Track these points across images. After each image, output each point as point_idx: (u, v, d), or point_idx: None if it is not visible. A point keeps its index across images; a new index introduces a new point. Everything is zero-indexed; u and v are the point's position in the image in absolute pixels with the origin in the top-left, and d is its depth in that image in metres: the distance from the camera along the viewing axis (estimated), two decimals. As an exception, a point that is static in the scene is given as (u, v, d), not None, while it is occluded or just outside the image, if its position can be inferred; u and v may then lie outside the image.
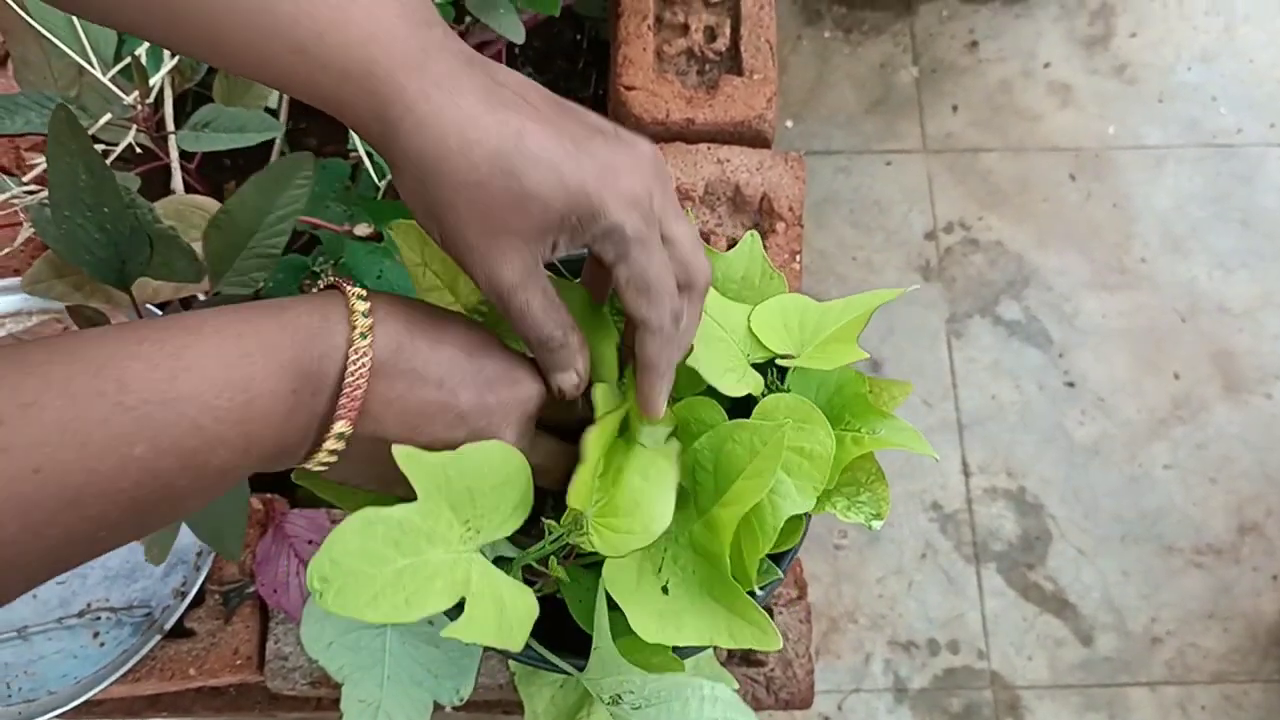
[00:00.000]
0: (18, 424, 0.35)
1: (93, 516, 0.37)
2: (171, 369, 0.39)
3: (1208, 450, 1.49)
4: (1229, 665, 1.39)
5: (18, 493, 0.35)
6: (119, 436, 0.37)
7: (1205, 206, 1.63)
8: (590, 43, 1.14)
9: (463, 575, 0.45)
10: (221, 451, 0.40)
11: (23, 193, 0.70)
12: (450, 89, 0.43)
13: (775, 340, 0.56)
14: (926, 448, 0.55)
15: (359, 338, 0.43)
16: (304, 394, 0.43)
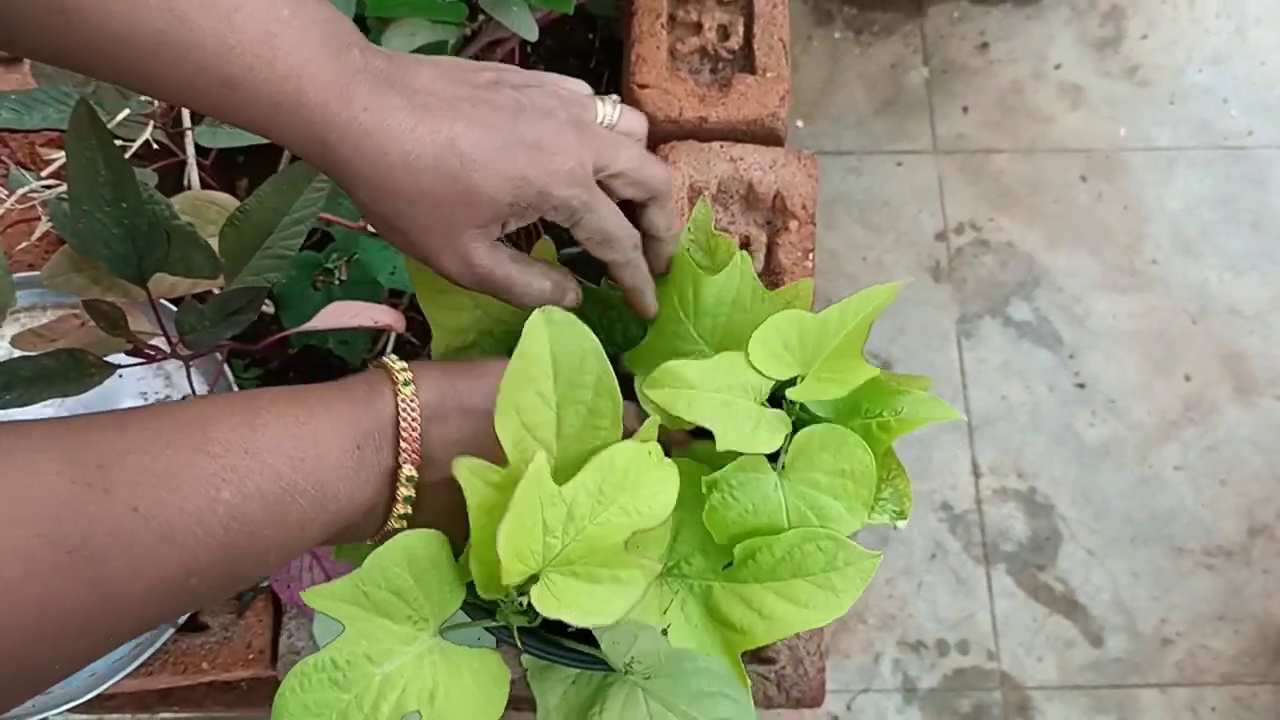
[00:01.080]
0: (118, 467, 0.38)
1: (186, 559, 0.40)
2: (251, 423, 0.43)
3: (1218, 452, 1.49)
4: (1239, 667, 1.39)
5: (121, 529, 0.37)
6: (207, 480, 0.40)
7: (1216, 209, 1.62)
8: (602, 41, 1.14)
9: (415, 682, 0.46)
10: (300, 502, 0.44)
11: (41, 187, 0.71)
12: (378, 109, 0.46)
13: (778, 367, 0.54)
14: (951, 412, 0.54)
15: (404, 386, 0.48)
16: (367, 450, 0.47)
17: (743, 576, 0.51)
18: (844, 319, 0.54)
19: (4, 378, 0.61)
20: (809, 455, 0.52)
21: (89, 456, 0.38)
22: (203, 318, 0.65)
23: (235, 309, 0.65)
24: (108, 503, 0.37)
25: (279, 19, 0.45)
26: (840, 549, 0.50)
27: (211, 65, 0.44)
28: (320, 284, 0.90)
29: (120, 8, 0.42)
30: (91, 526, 0.36)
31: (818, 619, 0.50)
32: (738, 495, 0.52)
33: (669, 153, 0.87)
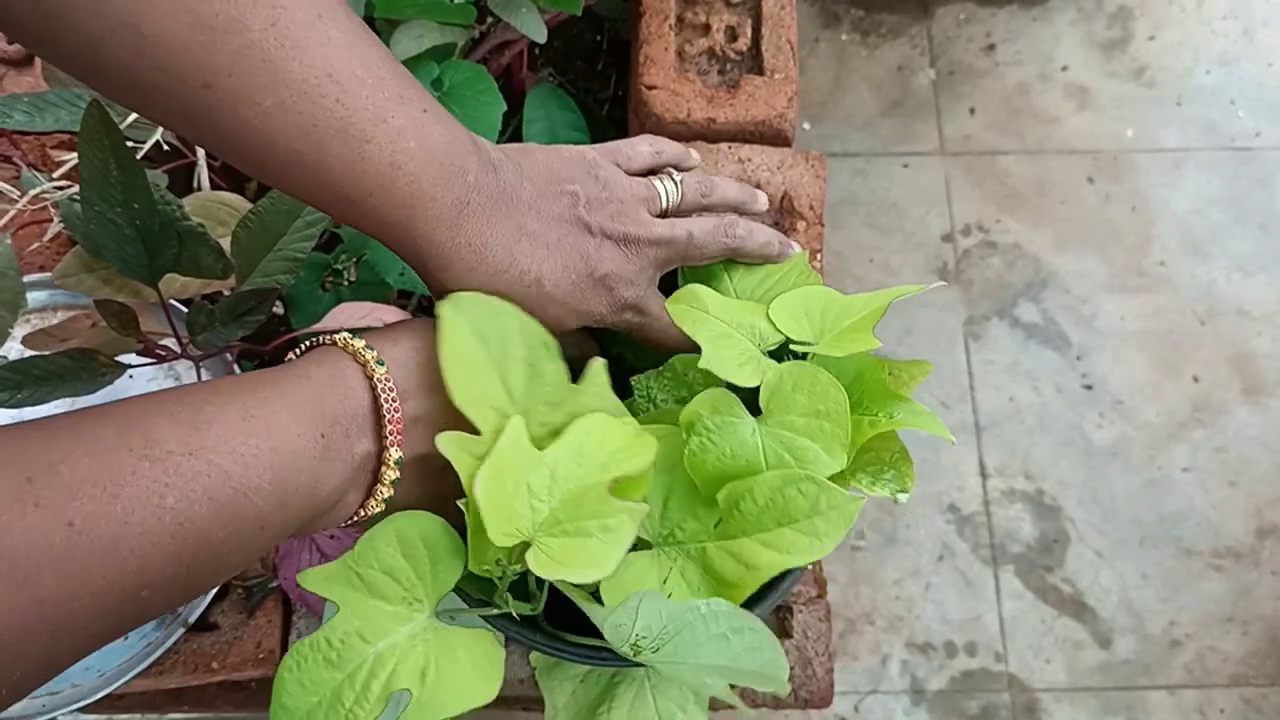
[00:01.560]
0: (48, 480, 0.36)
1: (133, 570, 0.38)
2: (194, 420, 0.41)
3: (1227, 453, 1.49)
4: (1248, 669, 1.38)
5: (52, 545, 0.35)
6: (149, 488, 0.38)
7: (1224, 210, 1.62)
8: (610, 44, 1.14)
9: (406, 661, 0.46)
10: (255, 500, 0.41)
11: (52, 189, 0.71)
12: (480, 247, 0.51)
13: (794, 327, 0.57)
14: (942, 429, 0.55)
15: (376, 365, 0.47)
16: (334, 437, 0.45)
17: (731, 531, 0.52)
18: (868, 303, 0.57)
19: (17, 376, 0.61)
20: (783, 397, 0.53)
21: (16, 468, 0.36)
22: (213, 318, 0.66)
23: (246, 310, 0.66)
24: (38, 518, 0.35)
25: (404, 150, 0.47)
26: (822, 492, 0.50)
27: (337, 186, 0.47)
28: (329, 285, 0.90)
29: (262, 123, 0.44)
30: (20, 544, 0.34)
31: (798, 561, 0.51)
32: (715, 439, 0.52)
33: (677, 154, 0.87)
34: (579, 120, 1.04)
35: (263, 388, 0.44)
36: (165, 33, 0.42)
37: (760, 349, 0.56)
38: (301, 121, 0.45)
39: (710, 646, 0.51)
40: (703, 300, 0.57)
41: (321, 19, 0.45)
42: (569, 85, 1.09)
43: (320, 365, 0.47)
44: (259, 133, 0.45)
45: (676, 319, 0.56)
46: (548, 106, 1.02)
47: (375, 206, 0.48)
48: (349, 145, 0.46)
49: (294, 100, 0.44)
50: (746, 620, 0.51)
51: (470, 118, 0.84)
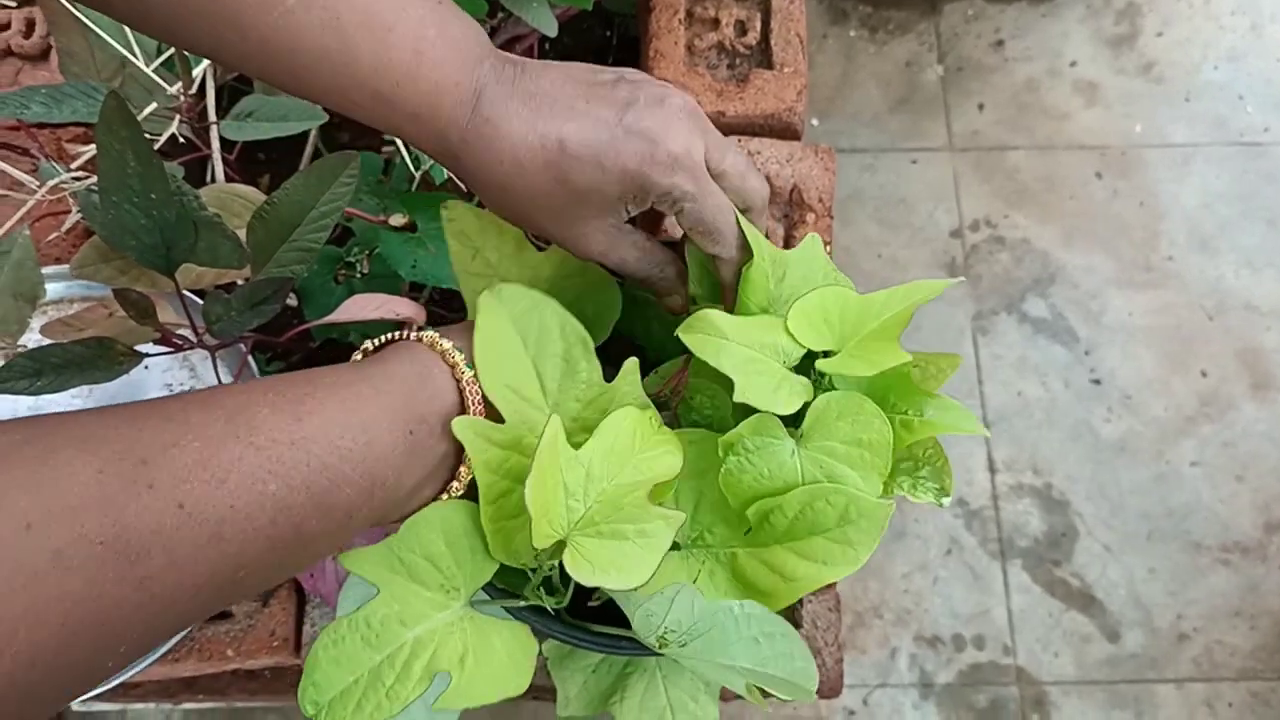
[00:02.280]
0: (162, 463, 0.38)
1: (233, 554, 0.39)
2: (296, 413, 0.43)
3: (1235, 448, 1.49)
4: (1256, 663, 1.38)
5: (163, 526, 0.37)
6: (253, 474, 0.40)
7: (1232, 205, 1.62)
8: (620, 38, 1.15)
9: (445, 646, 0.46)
10: (347, 490, 0.43)
11: (70, 179, 0.72)
12: (499, 119, 0.50)
13: (814, 338, 0.55)
14: (978, 426, 0.55)
15: (466, 369, 0.49)
16: (420, 435, 0.47)
17: (761, 540, 0.52)
18: (889, 303, 0.55)
19: (36, 364, 0.62)
20: (826, 423, 0.52)
21: (132, 451, 0.37)
22: (229, 307, 0.66)
23: (262, 299, 0.66)
24: (151, 499, 0.37)
25: (425, 38, 0.48)
26: (850, 502, 0.50)
27: (367, 79, 0.48)
28: (342, 277, 0.91)
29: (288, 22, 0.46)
30: (134, 524, 0.36)
31: (836, 574, 0.51)
32: (754, 460, 0.52)
33: (687, 147, 0.88)
34: (589, 114, 1.04)
35: (357, 383, 0.46)
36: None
37: (786, 365, 0.55)
38: (325, 16, 0.46)
39: (739, 648, 0.51)
40: (718, 325, 0.54)
41: None
42: (579, 80, 1.09)
43: (410, 364, 0.49)
44: (286, 34, 0.46)
45: (695, 349, 0.53)
46: (558, 101, 1.02)
47: (403, 97, 0.49)
48: (373, 34, 0.47)
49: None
50: (779, 626, 0.52)
51: (482, 111, 0.85)
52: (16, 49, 0.96)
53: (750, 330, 0.55)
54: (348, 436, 0.43)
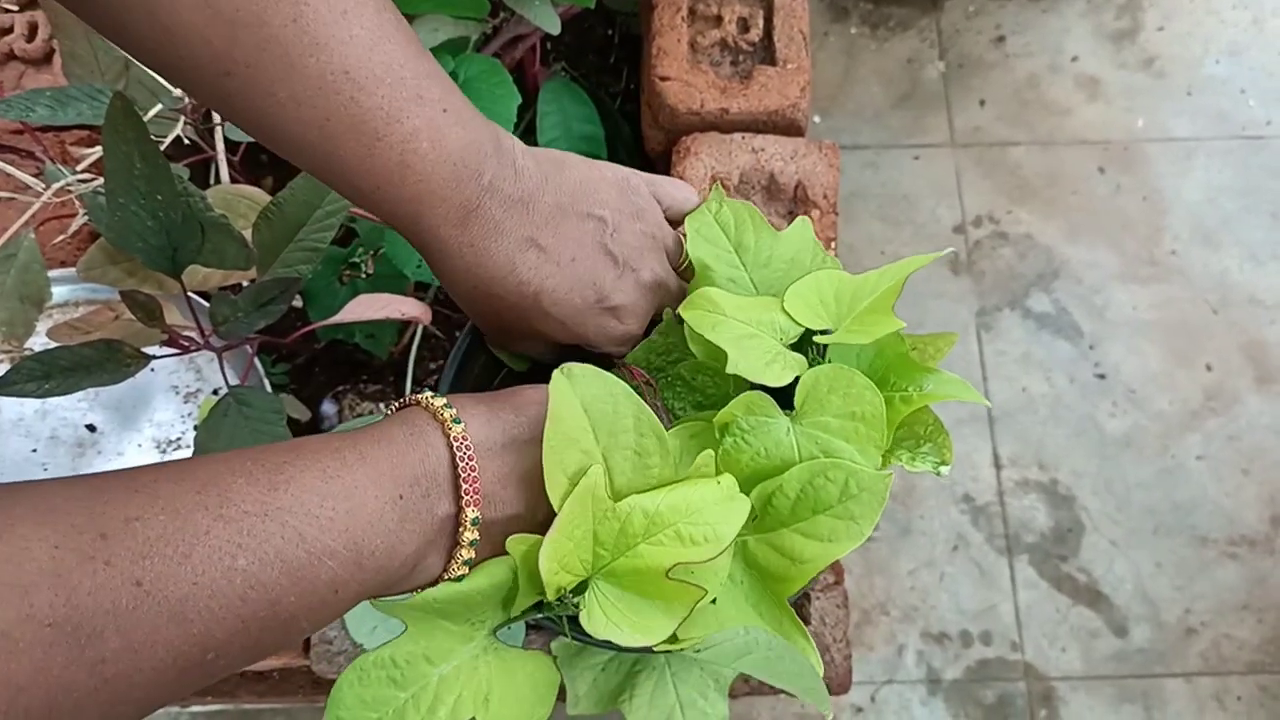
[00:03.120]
0: (121, 537, 0.35)
1: (198, 635, 0.37)
2: (271, 481, 0.40)
3: (1240, 442, 1.48)
4: (1264, 656, 1.38)
5: (119, 606, 0.35)
6: (220, 548, 0.37)
7: (1235, 199, 1.62)
8: (622, 37, 1.15)
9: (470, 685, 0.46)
10: (330, 564, 0.40)
11: (76, 182, 0.72)
12: (483, 250, 0.51)
13: (811, 317, 0.56)
14: (976, 395, 0.55)
15: (454, 423, 0.46)
16: (413, 498, 0.44)
17: (768, 524, 0.52)
18: (881, 280, 0.56)
19: (44, 367, 0.62)
20: (819, 398, 0.52)
21: (92, 525, 0.35)
22: (237, 308, 0.66)
23: (269, 299, 0.66)
24: (107, 576, 0.34)
25: (415, 151, 0.48)
26: (850, 476, 0.50)
27: (348, 177, 0.48)
28: (346, 278, 0.91)
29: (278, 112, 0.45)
30: (87, 603, 0.34)
31: (842, 549, 0.50)
32: (750, 439, 0.52)
33: (691, 144, 0.88)
34: (592, 113, 1.04)
35: (343, 449, 0.43)
36: (182, 23, 0.42)
37: (782, 343, 0.55)
38: (315, 116, 0.45)
39: (752, 659, 0.52)
40: (717, 303, 0.55)
41: (346, 16, 0.45)
42: (581, 79, 1.09)
43: (402, 425, 0.46)
44: (275, 120, 0.46)
45: (694, 324, 0.54)
46: (561, 100, 1.03)
47: (383, 199, 0.49)
48: (360, 142, 0.46)
49: (309, 95, 0.45)
50: (787, 650, 0.52)
51: (485, 111, 0.85)
52: (20, 53, 0.96)
53: (749, 308, 0.56)
54: (328, 504, 0.41)
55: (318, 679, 0.84)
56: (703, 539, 0.48)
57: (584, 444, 0.47)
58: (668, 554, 0.47)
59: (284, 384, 0.97)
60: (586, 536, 0.47)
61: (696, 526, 0.48)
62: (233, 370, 0.86)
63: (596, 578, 0.47)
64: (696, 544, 0.48)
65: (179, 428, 0.87)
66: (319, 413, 0.94)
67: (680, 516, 0.48)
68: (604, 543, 0.47)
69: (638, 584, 0.47)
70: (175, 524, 0.37)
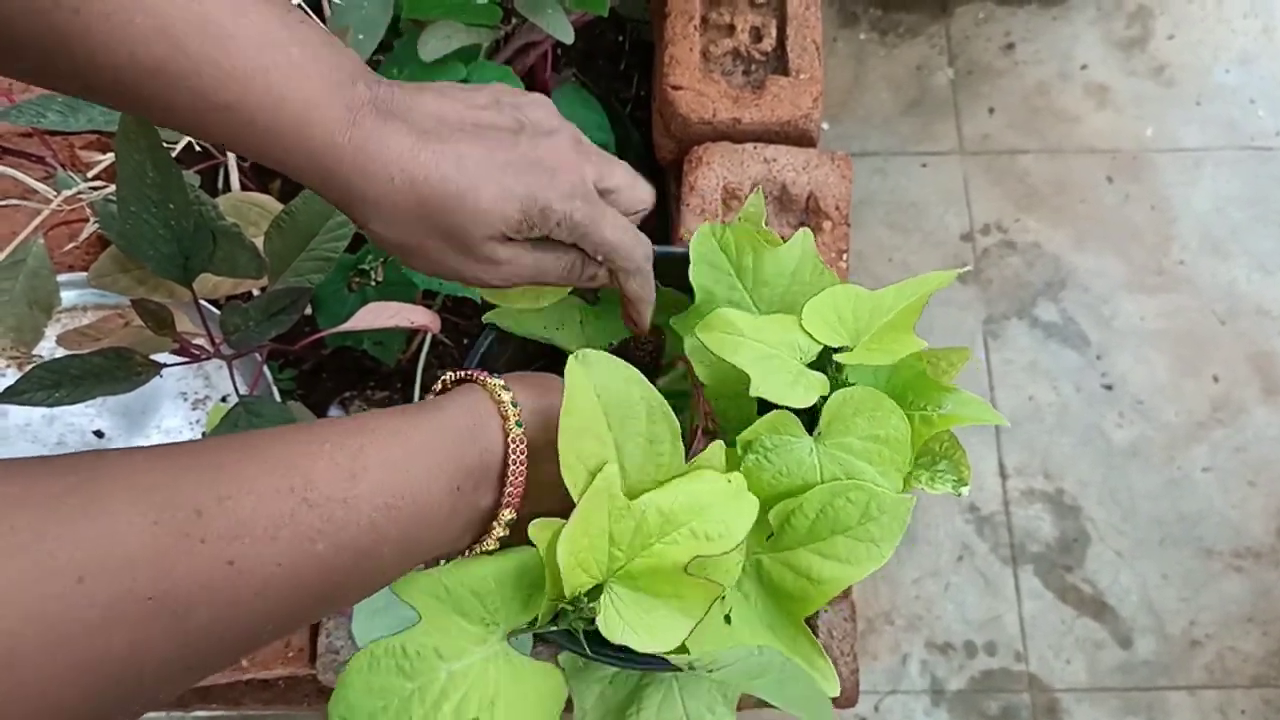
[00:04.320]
0: (214, 516, 0.37)
1: (271, 611, 0.39)
2: (351, 469, 0.41)
3: (1247, 453, 1.48)
4: (1269, 669, 1.38)
5: (213, 583, 0.36)
6: (304, 533, 0.39)
7: (1244, 209, 1.62)
8: (633, 44, 1.14)
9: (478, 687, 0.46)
10: (385, 551, 0.42)
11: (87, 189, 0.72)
12: (381, 135, 0.47)
13: (829, 334, 0.56)
14: (996, 417, 0.55)
15: (515, 426, 0.47)
16: (466, 489, 0.46)
17: (785, 543, 0.52)
18: (899, 297, 0.55)
19: (54, 376, 0.62)
20: (844, 419, 0.52)
21: (185, 500, 0.36)
22: (248, 317, 0.66)
23: (280, 308, 0.66)
24: (202, 554, 0.36)
25: (275, 44, 0.45)
26: (871, 498, 0.50)
27: (209, 91, 0.44)
28: (355, 285, 0.91)
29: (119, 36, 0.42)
30: (184, 580, 0.35)
31: (861, 572, 0.50)
32: (772, 458, 0.52)
33: (703, 154, 0.88)
34: (603, 120, 1.04)
35: (411, 437, 0.44)
36: None
37: (802, 362, 0.55)
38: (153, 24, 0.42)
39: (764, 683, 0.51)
40: (735, 324, 0.55)
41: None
42: (592, 86, 1.09)
43: (465, 414, 0.47)
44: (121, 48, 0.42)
45: (714, 348, 0.54)
46: (571, 107, 1.02)
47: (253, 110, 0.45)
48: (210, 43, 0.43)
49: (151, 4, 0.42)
50: (798, 673, 0.51)
51: (497, 118, 0.85)
52: (30, 55, 0.96)
53: (767, 328, 0.56)
54: (395, 494, 0.42)
55: (323, 688, 0.84)
56: (716, 535, 0.48)
57: (598, 431, 0.48)
58: (683, 551, 0.47)
59: (292, 390, 0.97)
60: (602, 535, 0.47)
61: (710, 524, 0.48)
62: (241, 377, 0.85)
63: (612, 580, 0.47)
64: (711, 540, 0.48)
65: (187, 435, 0.86)
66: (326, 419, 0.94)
67: (693, 515, 0.48)
68: (619, 543, 0.47)
69: (653, 584, 0.47)
70: (263, 505, 0.38)
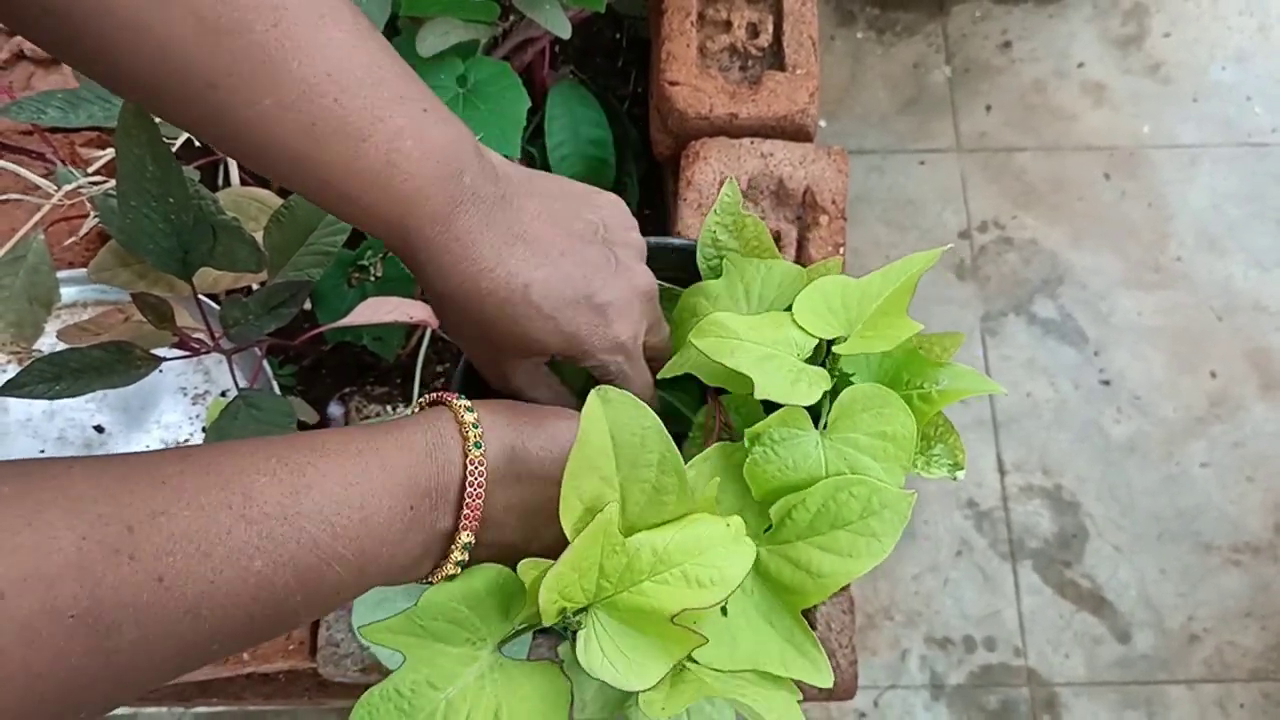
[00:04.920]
0: (147, 531, 0.36)
1: (208, 630, 0.38)
2: (295, 485, 0.41)
3: (1245, 448, 1.48)
4: (1268, 663, 1.38)
5: (139, 601, 0.35)
6: (240, 550, 0.38)
7: (1241, 205, 1.62)
8: (630, 41, 1.15)
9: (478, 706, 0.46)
10: (337, 568, 0.42)
11: (88, 184, 0.72)
12: (469, 243, 0.49)
13: (823, 326, 0.55)
14: (994, 386, 0.55)
15: (473, 447, 0.47)
16: (422, 510, 0.45)
17: (784, 536, 0.51)
18: (886, 281, 0.55)
19: (54, 369, 0.62)
20: (851, 415, 0.52)
21: (119, 517, 0.36)
22: (247, 311, 0.66)
23: (279, 302, 0.66)
24: (130, 571, 0.35)
25: (400, 150, 0.47)
26: (874, 493, 0.50)
27: (336, 183, 0.47)
28: (355, 280, 0.91)
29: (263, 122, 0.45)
30: (109, 597, 0.35)
31: (861, 567, 0.50)
32: (779, 451, 0.52)
33: (700, 149, 0.88)
34: (600, 117, 1.04)
35: (365, 454, 0.44)
36: (171, 36, 0.42)
37: (800, 358, 0.55)
38: (300, 120, 0.45)
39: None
40: (729, 327, 0.55)
41: (324, 19, 0.45)
42: (589, 82, 1.09)
43: (426, 433, 0.47)
44: (260, 131, 0.45)
45: (710, 352, 0.54)
46: (569, 103, 1.03)
47: (371, 203, 0.48)
48: (346, 144, 0.46)
49: (293, 100, 0.45)
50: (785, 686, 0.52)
51: (495, 114, 0.85)
52: (29, 53, 0.96)
53: (762, 327, 0.56)
54: (344, 513, 0.42)
55: (324, 681, 0.84)
56: (709, 581, 0.47)
57: (604, 470, 0.47)
58: (672, 594, 0.47)
59: (291, 385, 0.97)
60: (592, 568, 0.46)
61: (703, 568, 0.48)
62: (241, 372, 0.86)
63: (597, 607, 0.47)
64: (703, 585, 0.47)
65: (187, 429, 0.87)
66: (325, 414, 0.94)
67: (688, 556, 0.48)
68: (609, 575, 0.47)
69: (638, 621, 0.47)
70: (199, 521, 0.38)
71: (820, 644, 0.81)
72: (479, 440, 0.47)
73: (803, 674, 0.51)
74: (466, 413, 0.48)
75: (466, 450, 0.47)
